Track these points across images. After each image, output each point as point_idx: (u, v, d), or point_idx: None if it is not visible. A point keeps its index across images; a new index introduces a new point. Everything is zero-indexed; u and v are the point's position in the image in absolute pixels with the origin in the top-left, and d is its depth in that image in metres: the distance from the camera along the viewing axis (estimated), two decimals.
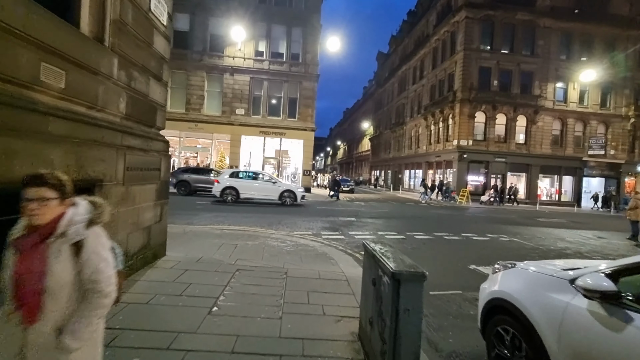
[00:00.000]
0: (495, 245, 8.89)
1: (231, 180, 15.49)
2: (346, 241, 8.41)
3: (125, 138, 4.22)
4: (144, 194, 4.81)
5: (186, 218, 10.29)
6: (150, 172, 4.93)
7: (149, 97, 4.97)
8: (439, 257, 7.28)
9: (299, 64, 24.53)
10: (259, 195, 15.85)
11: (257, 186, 15.85)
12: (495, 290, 2.91)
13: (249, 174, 16.44)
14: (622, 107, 28.68)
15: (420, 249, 7.88)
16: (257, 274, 5.10)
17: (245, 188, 15.53)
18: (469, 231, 10.89)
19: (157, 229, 5.30)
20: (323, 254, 6.91)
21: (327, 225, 10.57)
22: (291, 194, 15.99)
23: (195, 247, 6.52)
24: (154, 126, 5.23)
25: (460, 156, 26.27)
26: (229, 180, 15.49)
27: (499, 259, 7.42)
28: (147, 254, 4.96)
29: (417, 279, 2.34)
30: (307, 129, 24.42)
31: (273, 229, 9.52)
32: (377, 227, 10.78)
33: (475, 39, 26.77)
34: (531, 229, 12.60)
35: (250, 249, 6.66)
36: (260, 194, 15.86)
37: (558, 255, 8.06)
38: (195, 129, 23.35)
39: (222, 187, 15.27)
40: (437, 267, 6.42)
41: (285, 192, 15.96)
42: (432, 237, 9.50)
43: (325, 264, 6.04)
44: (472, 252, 7.83)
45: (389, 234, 9.63)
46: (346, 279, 5.20)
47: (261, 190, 15.84)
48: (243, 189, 15.46)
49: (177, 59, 22.95)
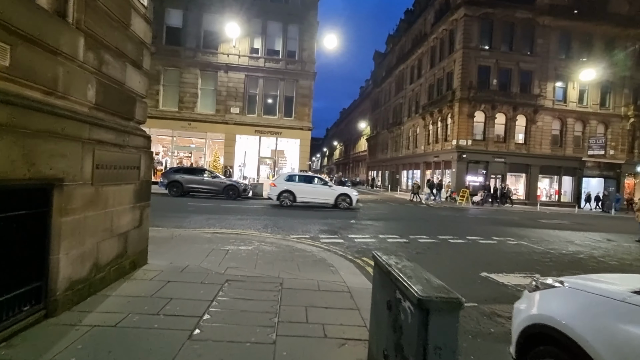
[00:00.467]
0: (504, 249, 8.39)
1: (288, 184, 15.41)
2: (346, 245, 7.87)
3: (95, 131, 3.64)
4: (120, 196, 4.23)
5: (176, 221, 9.71)
6: (127, 171, 4.35)
7: (126, 86, 4.39)
8: (447, 263, 6.75)
9: (296, 62, 23.99)
10: (315, 198, 15.64)
11: (313, 190, 15.72)
12: (538, 315, 2.37)
13: (304, 178, 16.43)
14: (622, 106, 28.46)
15: (425, 254, 7.36)
16: (248, 285, 4.54)
17: (301, 192, 15.40)
18: (474, 234, 10.40)
19: (136, 234, 4.72)
20: (322, 260, 6.36)
21: (325, 228, 10.03)
22: (347, 197, 15.79)
23: (182, 253, 5.95)
24: (132, 119, 4.65)
25: (459, 156, 25.85)
26: (286, 184, 15.42)
27: (511, 265, 6.93)
28: (123, 264, 4.38)
29: (452, 307, 1.80)
30: (303, 128, 23.87)
31: (268, 232, 8.97)
32: (377, 230, 10.24)
33: (474, 38, 26.39)
34: (537, 231, 12.14)
35: (242, 255, 6.10)
36: (316, 197, 15.66)
37: (572, 260, 7.57)
38: (189, 128, 22.73)
39: (279, 190, 15.23)
40: (446, 274, 5.89)
41: (341, 195, 15.77)
42: (437, 240, 8.98)
43: (325, 272, 5.49)
44: (481, 257, 7.32)
45: (390, 237, 9.11)
46: (348, 291, 4.65)
47: (317, 193, 15.69)
48: (299, 193, 15.34)
49: (170, 56, 22.37)
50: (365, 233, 9.59)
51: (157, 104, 22.56)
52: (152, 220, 9.69)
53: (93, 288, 3.74)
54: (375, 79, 55.43)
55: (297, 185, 15.49)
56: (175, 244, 6.67)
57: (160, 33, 22.53)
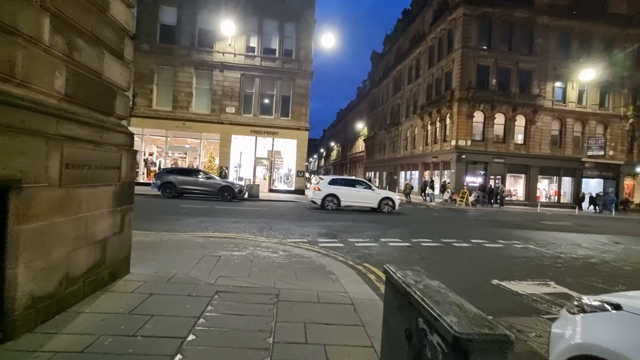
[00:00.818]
0: (512, 253, 8.00)
1: (332, 188, 15.36)
2: (346, 250, 7.45)
3: (65, 125, 3.19)
4: (96, 199, 3.78)
5: (167, 224, 9.27)
6: (105, 171, 3.91)
7: (104, 77, 3.95)
8: (454, 269, 6.35)
9: (292, 61, 23.57)
10: (359, 202, 15.62)
11: (356, 193, 15.59)
12: (586, 345, 1.96)
13: (347, 181, 16.40)
14: (621, 107, 28.30)
15: (430, 260, 6.95)
16: (241, 297, 4.11)
17: (345, 195, 15.35)
18: (478, 237, 10.02)
19: (117, 241, 4.27)
20: (321, 266, 5.93)
21: (323, 231, 9.61)
22: (390, 201, 15.65)
23: (170, 260, 5.50)
24: (112, 114, 4.21)
25: (458, 157, 25.53)
26: (330, 187, 15.37)
27: (522, 271, 6.54)
28: (101, 275, 3.93)
29: (499, 347, 1.38)
30: (300, 128, 23.45)
31: (264, 235, 8.54)
32: (377, 233, 9.83)
33: (473, 37, 26.11)
34: (541, 234, 11.79)
35: (235, 262, 5.67)
36: (360, 201, 15.61)
37: (584, 264, 7.20)
38: (183, 128, 22.23)
39: (324, 194, 15.18)
40: (455, 282, 5.49)
41: (385, 199, 15.67)
42: (440, 244, 8.59)
43: (325, 281, 5.06)
44: (490, 263, 6.93)
45: (392, 240, 8.70)
46: (351, 303, 4.22)
47: (361, 197, 15.59)
48: (344, 197, 15.31)
49: (164, 54, 21.90)
50: (365, 236, 9.18)
51: (151, 104, 22.06)
52: (141, 223, 9.26)
53: (63, 304, 3.29)
54: (373, 79, 55.14)
55: (341, 189, 15.44)
56: (163, 250, 6.23)
57: (153, 31, 22.06)
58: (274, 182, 24.47)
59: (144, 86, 21.91)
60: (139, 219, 9.84)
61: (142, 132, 22.26)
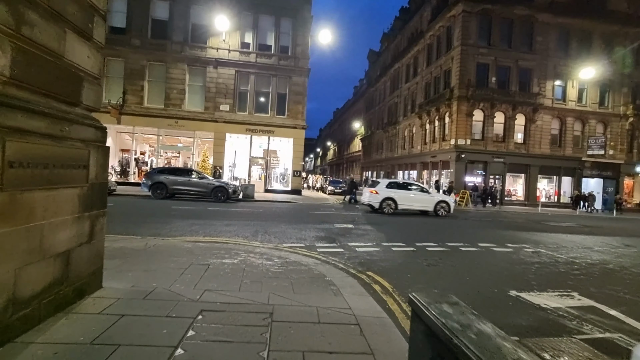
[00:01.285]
0: (524, 258, 7.49)
1: (389, 191, 15.29)
2: (346, 255, 6.90)
3: (9, 115, 2.61)
4: (56, 204, 3.19)
5: (155, 227, 8.66)
6: (67, 171, 3.31)
7: (67, 60, 3.35)
8: (465, 277, 5.81)
9: (289, 57, 22.98)
10: (416, 205, 15.56)
11: (413, 197, 15.58)
12: None
13: (403, 185, 16.33)
14: (621, 106, 28.02)
15: (438, 266, 6.41)
16: (229, 317, 3.53)
17: (402, 199, 15.28)
18: (484, 240, 9.51)
19: (85, 253, 3.67)
20: (320, 276, 5.37)
21: (321, 235, 9.05)
22: (445, 204, 15.67)
23: (152, 271, 4.92)
24: (78, 104, 3.61)
25: (457, 156, 25.09)
26: (387, 191, 15.30)
27: (539, 279, 5.97)
28: (62, 293, 3.33)
29: None
30: (297, 126, 22.87)
31: (258, 240, 7.97)
32: (378, 236, 9.30)
33: (473, 34, 25.67)
34: (549, 236, 11.31)
35: (225, 272, 5.09)
36: (416, 204, 15.57)
37: (603, 271, 6.70)
38: (176, 126, 21.56)
39: (382, 198, 15.11)
40: (470, 294, 4.95)
41: (441, 202, 15.64)
42: (446, 248, 8.06)
43: (325, 294, 4.50)
44: (503, 270, 6.40)
45: (395, 244, 8.15)
46: (357, 323, 3.66)
47: (417, 200, 15.58)
48: (401, 200, 15.21)
49: (156, 50, 21.23)
50: (366, 240, 8.63)
51: (142, 101, 21.36)
52: (127, 226, 8.63)
53: (9, 333, 2.70)
54: (370, 78, 54.66)
55: (398, 192, 15.37)
56: (146, 258, 5.63)
57: (145, 26, 21.35)
58: (270, 182, 23.88)
59: (134, 83, 21.22)
60: (126, 222, 9.24)
61: (133, 131, 21.59)
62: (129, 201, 14.52)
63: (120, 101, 20.66)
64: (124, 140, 22.69)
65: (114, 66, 21.19)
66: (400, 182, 16.65)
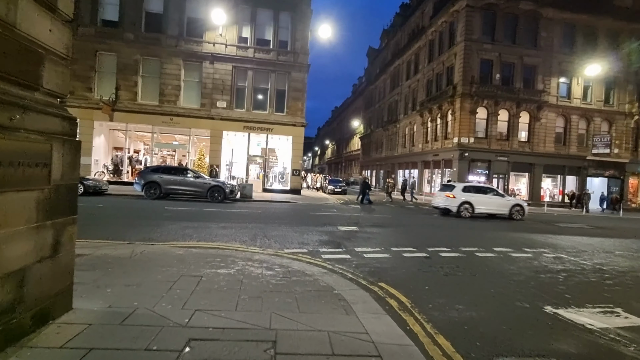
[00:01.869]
0: (547, 265, 6.89)
1: (466, 195, 15.33)
2: (354, 263, 6.27)
3: None
4: (3, 211, 2.53)
5: (145, 231, 8.01)
6: (20, 170, 2.66)
7: (20, 31, 2.69)
8: (489, 289, 5.19)
9: (288, 53, 22.29)
10: (492, 209, 15.63)
11: (488, 201, 15.62)
12: None
13: (479, 189, 16.47)
14: (626, 103, 27.55)
15: (457, 276, 5.79)
16: (223, 349, 2.89)
17: (479, 203, 15.34)
18: (499, 244, 8.92)
19: (47, 270, 3.01)
20: (327, 289, 4.74)
21: (325, 238, 8.41)
22: (520, 208, 15.70)
23: (136, 285, 4.27)
24: (36, 88, 2.95)
25: (460, 154, 24.51)
26: (464, 195, 15.35)
27: (573, 292, 5.07)
28: (17, 322, 2.68)
29: None
30: (296, 124, 22.21)
31: (257, 245, 7.32)
32: (386, 240, 8.68)
33: (477, 30, 25.08)
34: (563, 239, 10.73)
35: (220, 285, 4.46)
36: (492, 208, 15.63)
37: (636, 280, 6.10)
38: (171, 124, 20.84)
39: (459, 202, 15.17)
40: (499, 310, 4.34)
41: (515, 206, 15.69)
42: (461, 254, 7.45)
43: (335, 313, 3.87)
44: (528, 279, 5.79)
45: (405, 250, 7.53)
46: (378, 354, 3.02)
47: (493, 204, 15.63)
48: (477, 204, 15.29)
49: (150, 44, 20.53)
50: (374, 244, 8.00)
51: (136, 97, 20.61)
52: (115, 230, 7.94)
53: None
54: (369, 76, 54.01)
55: (474, 196, 15.45)
56: (131, 268, 4.98)
57: (138, 19, 20.60)
58: (268, 181, 23.22)
59: (127, 78, 20.47)
60: (114, 225, 8.57)
61: (127, 128, 20.86)
62: (120, 202, 13.83)
63: (112, 97, 19.92)
64: (117, 138, 21.95)
65: (106, 61, 20.43)
66: (477, 186, 16.82)
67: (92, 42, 19.91)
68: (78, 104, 19.80)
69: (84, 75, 20.08)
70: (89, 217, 9.73)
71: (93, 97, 20.00)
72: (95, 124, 20.21)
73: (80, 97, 19.97)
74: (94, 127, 20.16)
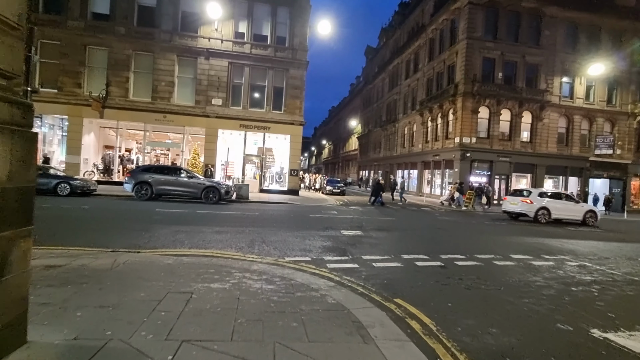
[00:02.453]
0: (574, 276, 6.30)
1: (543, 201, 15.59)
2: (364, 274, 5.62)
3: None
4: None
5: (133, 236, 7.31)
6: None
7: None
8: (522, 306, 4.57)
9: (286, 49, 21.61)
10: (568, 215, 15.81)
11: (564, 207, 15.87)
12: None
13: (555, 194, 16.66)
14: (628, 104, 27.18)
15: (480, 289, 5.16)
16: None
17: (555, 209, 15.54)
18: (514, 250, 8.34)
19: None
20: (337, 307, 4.09)
21: (328, 244, 7.75)
22: (593, 214, 15.92)
23: (112, 306, 3.60)
24: None
25: (462, 155, 23.97)
26: (541, 200, 15.60)
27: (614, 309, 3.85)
28: None
29: None
30: (294, 122, 21.53)
31: (255, 252, 6.65)
32: (394, 246, 8.05)
33: (479, 27, 24.56)
34: (579, 243, 10.19)
35: (213, 305, 3.79)
36: (568, 214, 15.85)
37: None
38: (164, 121, 20.06)
39: (537, 207, 15.37)
40: (541, 335, 3.71)
41: (589, 212, 15.94)
42: (478, 262, 6.83)
43: (351, 341, 3.23)
44: (561, 293, 5.19)
45: (417, 258, 6.90)
46: None
47: (569, 210, 15.88)
48: (554, 210, 15.50)
49: (142, 38, 19.77)
50: (382, 251, 7.36)
51: (127, 93, 19.80)
52: (99, 235, 7.20)
53: None
54: (367, 75, 53.47)
55: (551, 202, 15.66)
56: (110, 283, 4.30)
57: (130, 12, 19.81)
58: (265, 181, 22.52)
59: (119, 74, 19.66)
60: (97, 230, 7.84)
61: (118, 126, 20.05)
62: (108, 203, 13.07)
63: (103, 93, 19.10)
64: (107, 136, 21.13)
65: (96, 55, 19.61)
66: (551, 192, 17.04)
67: (82, 36, 19.11)
68: (67, 100, 19.00)
69: (73, 71, 19.26)
70: (71, 220, 9.01)
71: (82, 93, 19.17)
72: (85, 121, 19.40)
73: (69, 93, 19.15)
74: (83, 125, 19.35)
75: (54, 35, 18.88)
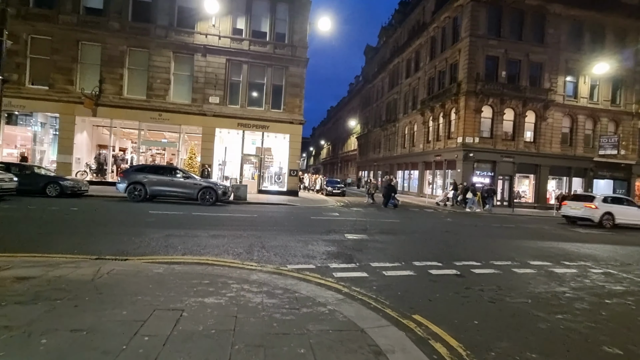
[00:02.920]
0: (603, 285, 5.79)
1: (608, 206, 15.38)
2: (375, 284, 5.09)
3: None
4: None
5: (121, 240, 6.76)
6: None
7: None
8: (558, 324, 4.05)
9: (285, 46, 21.08)
10: (633, 220, 15.61)
11: (628, 211, 15.62)
12: None
13: (617, 199, 16.54)
14: (632, 104, 26.79)
15: (505, 302, 4.64)
16: None
17: (619, 213, 15.36)
18: (531, 255, 7.85)
19: None
20: (350, 326, 3.55)
21: (333, 250, 7.21)
22: None
23: (87, 329, 3.05)
24: None
25: (465, 155, 23.50)
26: (606, 205, 15.40)
27: None
28: None
29: None
30: (294, 121, 20.99)
31: (254, 259, 6.12)
32: (403, 251, 7.52)
33: (482, 25, 24.11)
34: (596, 248, 9.71)
35: (206, 327, 3.24)
36: (632, 219, 15.63)
37: None
38: (160, 120, 19.48)
39: (602, 212, 15.19)
40: None
41: None
42: (495, 269, 6.32)
43: None
44: (596, 306, 4.68)
45: (430, 265, 6.37)
46: None
47: (633, 215, 15.66)
48: (618, 215, 15.32)
49: (137, 34, 19.20)
50: (391, 257, 6.83)
51: (121, 91, 19.21)
52: (85, 240, 6.53)
53: None
54: (367, 74, 52.99)
55: (615, 207, 15.52)
56: (89, 299, 3.74)
57: (125, 7, 19.23)
58: (264, 182, 21.96)
59: (113, 71, 19.06)
60: (84, 234, 7.24)
61: (111, 124, 19.45)
62: (99, 204, 12.47)
63: (96, 91, 18.49)
64: (101, 135, 20.52)
65: (89, 52, 19.00)
66: (613, 196, 16.97)
67: (74, 31, 18.51)
68: (58, 98, 18.40)
69: (65, 67, 18.64)
70: (56, 223, 8.43)
71: (75, 90, 18.56)
72: (77, 119, 18.78)
73: (60, 90, 18.54)
74: (75, 123, 18.73)
75: (45, 30, 18.28)
